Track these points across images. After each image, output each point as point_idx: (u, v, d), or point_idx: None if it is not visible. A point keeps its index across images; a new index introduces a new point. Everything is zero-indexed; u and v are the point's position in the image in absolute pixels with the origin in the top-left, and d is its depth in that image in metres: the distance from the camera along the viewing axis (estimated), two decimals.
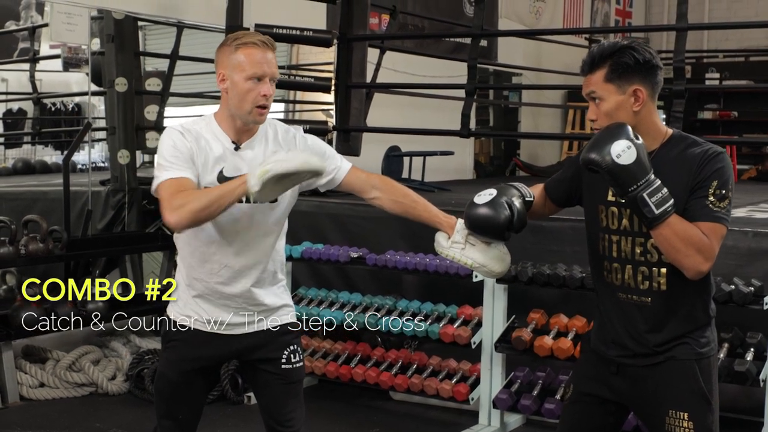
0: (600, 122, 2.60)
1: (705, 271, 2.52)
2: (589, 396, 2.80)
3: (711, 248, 2.48)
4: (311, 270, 5.64)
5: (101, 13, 6.39)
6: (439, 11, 9.40)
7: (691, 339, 2.63)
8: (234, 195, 2.60)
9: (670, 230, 2.46)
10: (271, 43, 2.82)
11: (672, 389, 2.63)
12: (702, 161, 2.55)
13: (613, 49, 2.57)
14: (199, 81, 7.92)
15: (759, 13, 13.14)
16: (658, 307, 2.64)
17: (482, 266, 2.84)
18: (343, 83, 6.32)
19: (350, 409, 5.18)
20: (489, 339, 4.70)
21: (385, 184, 2.99)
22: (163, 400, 2.99)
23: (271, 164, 2.51)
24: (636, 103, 2.56)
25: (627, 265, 2.67)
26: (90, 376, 5.32)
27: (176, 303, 2.95)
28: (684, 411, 2.61)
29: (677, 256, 2.49)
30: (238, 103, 2.78)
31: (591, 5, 12.89)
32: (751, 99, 13.11)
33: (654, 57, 2.58)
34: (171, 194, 2.65)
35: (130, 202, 6.59)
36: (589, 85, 2.61)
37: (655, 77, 2.59)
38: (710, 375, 2.65)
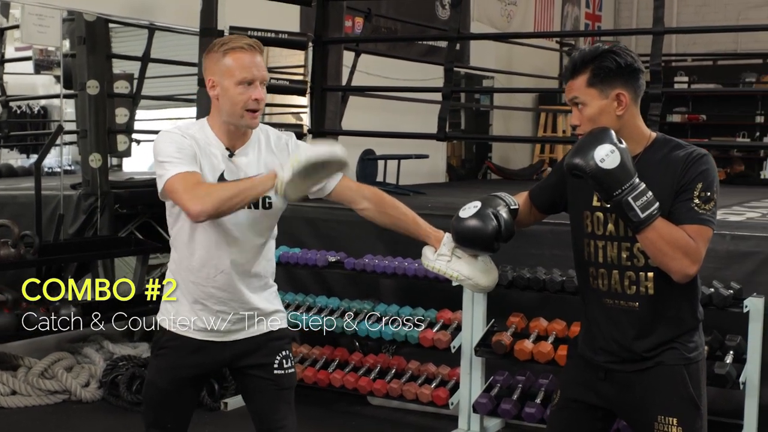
0: (583, 127, 2.59)
1: (692, 274, 2.51)
2: (577, 402, 2.78)
3: (697, 251, 2.48)
4: (287, 274, 5.59)
5: (72, 14, 6.30)
6: (411, 14, 9.39)
7: (679, 344, 2.63)
8: (261, 188, 2.63)
9: (656, 234, 2.45)
10: (259, 46, 2.79)
11: (660, 395, 2.63)
12: (686, 164, 2.54)
13: (595, 53, 2.57)
14: (170, 84, 7.85)
15: (726, 18, 13.27)
16: (646, 311, 2.63)
17: (468, 279, 2.83)
18: (319, 86, 6.27)
19: (328, 415, 5.15)
20: (468, 343, 4.68)
21: (375, 195, 2.97)
22: (151, 408, 2.95)
23: (302, 154, 2.54)
24: (619, 107, 2.56)
25: (613, 271, 2.66)
26: (63, 383, 5.24)
27: (167, 311, 2.91)
28: (673, 416, 2.60)
29: (664, 260, 2.48)
30: (230, 109, 2.76)
31: (561, 9, 12.96)
32: (719, 102, 13.26)
33: (636, 61, 2.58)
34: (192, 185, 2.63)
35: (102, 206, 6.50)
36: (571, 90, 2.61)
37: (637, 81, 2.58)
38: (699, 380, 2.64)
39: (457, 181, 10.45)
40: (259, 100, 2.75)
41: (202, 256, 2.80)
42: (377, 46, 8.58)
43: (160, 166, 2.71)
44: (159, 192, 2.73)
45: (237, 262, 2.82)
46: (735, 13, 13.30)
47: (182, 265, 2.85)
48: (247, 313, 2.89)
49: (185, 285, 2.85)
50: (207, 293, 2.83)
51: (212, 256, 2.80)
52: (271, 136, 2.91)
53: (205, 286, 2.82)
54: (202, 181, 2.69)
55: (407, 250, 5.11)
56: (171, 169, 2.67)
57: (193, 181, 2.66)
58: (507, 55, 11.25)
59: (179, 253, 2.86)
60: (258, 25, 5.87)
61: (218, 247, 2.79)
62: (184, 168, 2.68)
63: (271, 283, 2.99)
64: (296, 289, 5.40)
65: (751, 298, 4.11)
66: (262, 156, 2.85)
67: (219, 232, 2.78)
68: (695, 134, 13.09)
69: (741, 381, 4.05)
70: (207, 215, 2.63)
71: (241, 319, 2.88)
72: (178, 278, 2.87)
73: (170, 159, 2.69)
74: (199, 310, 2.85)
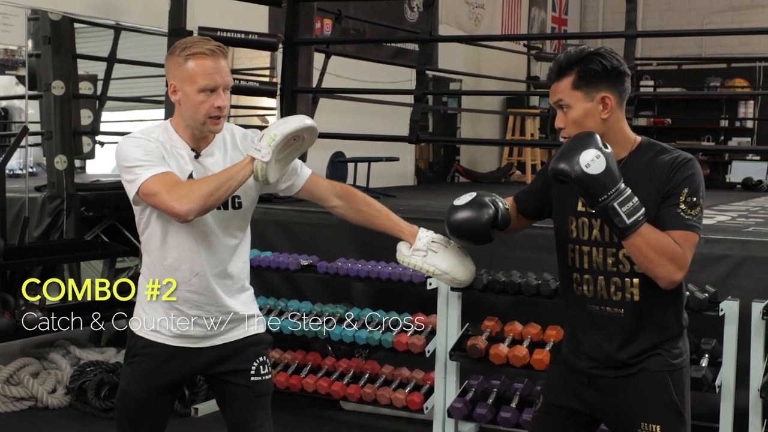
0: (568, 130, 2.56)
1: (678, 280, 2.49)
2: (560, 408, 2.75)
3: (684, 257, 2.45)
4: (258, 278, 5.49)
5: (36, 13, 6.19)
6: (380, 16, 9.36)
7: (664, 350, 2.60)
8: (241, 175, 2.60)
9: (642, 240, 2.42)
10: (223, 50, 2.71)
11: (644, 401, 2.59)
12: (672, 168, 2.51)
13: (581, 55, 2.53)
14: (137, 85, 7.75)
15: (691, 22, 13.39)
16: (631, 318, 2.60)
17: (445, 273, 2.78)
18: (289, 88, 6.22)
19: (300, 421, 5.09)
20: (443, 347, 4.64)
21: (346, 192, 2.94)
22: (125, 418, 2.86)
23: (272, 131, 2.54)
24: (604, 110, 2.52)
25: (599, 277, 2.63)
26: (29, 389, 5.13)
27: (141, 318, 2.84)
28: (656, 424, 2.57)
29: (650, 266, 2.45)
30: (192, 115, 2.69)
31: (528, 12, 12.99)
32: (684, 106, 13.38)
33: (622, 64, 2.55)
34: (169, 186, 2.57)
35: (68, 208, 6.39)
36: (556, 92, 2.57)
37: (622, 84, 2.55)
38: (683, 387, 2.62)
39: (425, 184, 10.42)
40: (221, 108, 2.68)
41: (176, 259, 2.74)
42: (346, 48, 8.54)
43: (128, 171, 2.64)
44: (132, 198, 2.66)
45: (211, 264, 2.76)
46: (699, 18, 13.43)
47: (155, 269, 2.79)
48: (223, 317, 2.82)
49: (161, 288, 2.78)
50: (182, 297, 2.77)
51: (185, 258, 2.74)
52: (237, 135, 2.85)
53: (180, 290, 2.76)
54: (179, 180, 2.63)
55: (380, 254, 5.07)
56: (143, 172, 2.60)
57: (171, 181, 2.60)
58: (475, 57, 11.26)
59: (151, 258, 2.79)
60: (227, 25, 5.80)
61: (191, 249, 2.74)
62: (157, 169, 2.62)
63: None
64: (267, 293, 5.33)
65: (727, 301, 4.11)
66: (228, 154, 2.79)
67: (191, 234, 2.72)
68: (661, 138, 12.84)
69: (717, 384, 4.06)
70: (195, 213, 2.58)
71: (217, 324, 2.82)
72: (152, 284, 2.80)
73: (140, 163, 2.62)
74: (175, 316, 2.78)
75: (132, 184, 2.62)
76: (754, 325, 4.04)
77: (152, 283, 2.78)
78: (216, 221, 2.75)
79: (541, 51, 12.53)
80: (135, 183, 2.61)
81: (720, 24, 13.08)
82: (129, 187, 2.65)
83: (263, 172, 2.59)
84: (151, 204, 2.66)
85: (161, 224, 2.72)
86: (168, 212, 2.60)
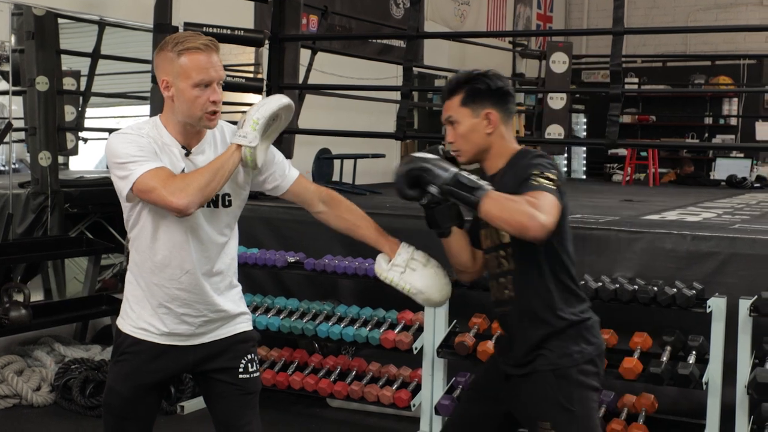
0: (457, 144, 2.79)
1: (543, 222, 2.50)
2: (482, 394, 2.99)
3: (537, 205, 2.53)
4: (244, 275, 5.42)
5: (20, 8, 6.14)
6: (366, 12, 9.34)
7: (548, 350, 2.75)
8: (231, 163, 2.63)
9: (493, 201, 2.53)
10: (215, 44, 2.70)
11: (536, 400, 2.77)
12: (526, 167, 2.68)
13: (469, 77, 2.80)
14: (122, 81, 7.70)
15: (675, 20, 13.43)
16: (514, 315, 2.81)
17: (420, 293, 2.81)
18: (275, 84, 6.18)
19: (287, 418, 5.07)
20: (431, 344, 4.63)
21: (332, 199, 2.95)
22: (113, 416, 2.84)
23: (254, 115, 2.59)
24: (489, 125, 2.76)
25: (493, 281, 2.86)
26: (13, 387, 5.09)
27: (128, 316, 2.81)
28: (547, 421, 2.75)
29: (512, 219, 2.52)
30: (187, 111, 2.67)
31: (513, 9, 13.00)
32: (669, 103, 13.42)
33: (506, 85, 2.80)
34: (164, 181, 2.57)
35: (52, 205, 6.35)
36: (447, 110, 2.81)
37: (506, 103, 2.79)
38: (570, 385, 2.74)
39: None
40: (217, 102, 2.67)
41: (166, 256, 2.72)
42: (332, 44, 8.52)
43: (121, 167, 2.61)
44: (125, 194, 2.63)
45: (201, 261, 2.75)
46: (684, 16, 13.47)
47: (145, 267, 2.76)
48: (212, 315, 2.81)
49: (148, 288, 2.76)
50: (171, 295, 2.74)
51: (175, 256, 2.72)
52: (226, 131, 2.84)
53: (169, 288, 2.74)
54: (173, 174, 2.62)
55: (367, 251, 5.01)
56: (137, 168, 2.58)
57: (166, 176, 2.59)
58: (460, 54, 11.25)
59: (141, 255, 2.77)
60: (212, 21, 5.77)
61: (181, 246, 2.72)
62: (151, 165, 2.60)
63: (235, 283, 2.93)
64: (254, 290, 5.31)
65: (714, 298, 4.12)
66: (219, 152, 2.77)
67: (181, 232, 2.70)
68: (645, 135, 13.23)
69: (704, 381, 4.07)
70: (195, 206, 2.58)
71: (205, 321, 2.80)
72: (140, 281, 2.78)
73: (133, 159, 2.60)
74: (163, 314, 2.76)
75: (125, 180, 2.60)
76: (741, 322, 4.05)
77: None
78: (206, 219, 2.73)
79: (526, 48, 12.52)
80: (129, 179, 2.59)
81: (704, 21, 13.13)
82: (121, 183, 2.62)
83: (252, 157, 2.62)
84: (146, 200, 2.63)
85: (152, 221, 2.70)
86: (166, 207, 2.58)
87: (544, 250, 2.68)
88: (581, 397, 2.74)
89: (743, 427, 4.06)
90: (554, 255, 2.73)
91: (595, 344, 2.79)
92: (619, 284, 4.30)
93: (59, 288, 6.46)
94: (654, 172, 10.94)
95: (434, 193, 2.59)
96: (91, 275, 6.33)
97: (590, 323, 2.81)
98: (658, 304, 4.18)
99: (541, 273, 2.73)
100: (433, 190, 2.58)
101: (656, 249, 4.59)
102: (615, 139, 5.56)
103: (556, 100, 9.91)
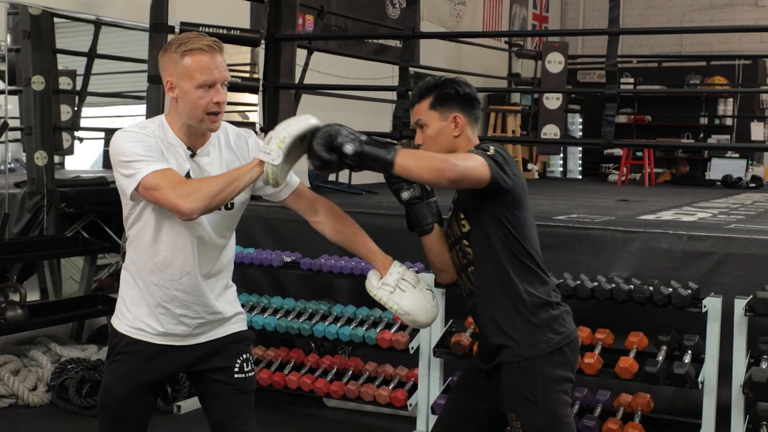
0: (425, 146, 2.86)
1: (451, 168, 2.60)
2: (466, 393, 3.03)
3: (456, 156, 2.70)
4: (240, 275, 5.48)
5: (16, 8, 6.13)
6: (362, 12, 9.35)
7: (513, 341, 2.81)
8: (248, 177, 2.59)
9: (407, 154, 2.60)
10: (219, 45, 2.70)
11: (504, 392, 2.83)
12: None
13: (438, 82, 2.89)
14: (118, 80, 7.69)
15: (671, 20, 13.46)
16: (479, 306, 2.88)
17: (407, 314, 2.82)
18: (272, 84, 6.19)
19: (283, 418, 5.06)
20: (427, 344, 4.64)
21: (329, 210, 2.94)
22: (109, 416, 2.83)
23: (281, 133, 2.54)
24: (456, 128, 2.86)
25: (461, 275, 2.93)
26: (10, 387, 5.08)
27: (124, 316, 2.81)
28: (512, 412, 2.80)
29: (425, 166, 2.61)
30: (190, 112, 2.67)
31: (509, 9, 13.01)
32: (664, 104, 13.45)
33: (473, 92, 2.91)
34: (173, 182, 2.56)
35: (48, 205, 6.33)
36: (416, 113, 2.88)
37: (473, 109, 2.91)
38: (534, 376, 2.78)
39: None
40: (220, 103, 2.67)
41: (167, 257, 2.72)
42: (328, 44, 8.52)
43: (126, 165, 2.61)
44: (129, 192, 2.63)
45: (201, 263, 2.75)
46: (679, 16, 13.50)
47: (144, 266, 2.76)
48: (209, 317, 2.81)
49: (147, 287, 2.76)
50: (170, 296, 2.74)
51: (177, 257, 2.72)
52: (230, 135, 2.84)
53: (169, 288, 2.74)
54: (183, 178, 2.62)
55: None
56: (143, 167, 2.58)
57: (175, 178, 2.58)
58: (456, 54, 11.26)
59: (140, 254, 2.76)
60: (209, 21, 5.78)
61: (183, 247, 2.72)
62: (159, 165, 2.59)
63: (230, 283, 2.93)
64: (250, 290, 5.31)
65: (710, 297, 4.13)
66: (223, 155, 2.78)
67: (184, 233, 2.70)
68: (641, 135, 13.25)
69: (699, 380, 4.07)
70: (199, 212, 2.57)
71: (202, 323, 2.81)
72: (138, 281, 2.78)
73: (140, 158, 2.60)
74: (161, 314, 2.76)
75: (131, 179, 2.59)
76: (737, 322, 4.07)
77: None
78: (209, 221, 2.73)
79: (522, 48, 12.54)
80: (134, 177, 2.58)
81: (700, 22, 13.15)
82: (126, 181, 2.61)
83: (274, 176, 2.56)
84: (150, 199, 2.62)
85: (156, 220, 2.69)
86: (170, 208, 2.57)
87: (500, 234, 2.76)
88: (546, 387, 2.77)
89: (739, 426, 4.07)
90: (511, 238, 2.77)
91: (564, 334, 2.81)
92: (615, 284, 4.31)
93: (55, 288, 6.45)
94: (650, 172, 10.97)
95: (350, 153, 2.58)
96: (87, 275, 6.32)
97: (558, 312, 2.83)
98: (653, 303, 4.19)
99: (499, 257, 2.78)
100: (349, 149, 2.58)
101: (652, 249, 4.60)
102: (611, 139, 5.57)
103: (552, 100, 9.94)
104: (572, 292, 4.29)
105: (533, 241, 2.83)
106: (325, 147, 2.59)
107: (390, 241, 5.12)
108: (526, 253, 2.79)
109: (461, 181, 2.64)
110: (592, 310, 4.46)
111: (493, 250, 2.78)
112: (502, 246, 2.77)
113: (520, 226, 2.79)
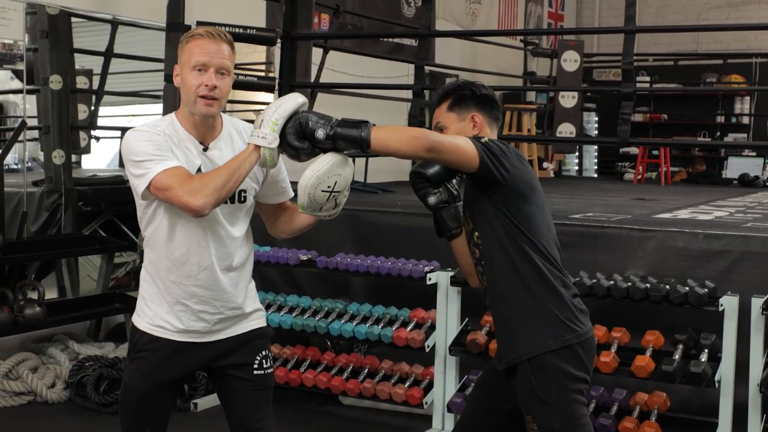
0: None
1: (427, 140, 2.60)
2: (486, 392, 3.04)
3: (437, 133, 2.76)
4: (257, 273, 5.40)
5: (34, 7, 6.17)
6: (377, 11, 9.36)
7: (522, 340, 2.79)
8: (248, 163, 2.63)
9: (381, 129, 2.61)
10: (222, 34, 2.73)
11: (520, 393, 2.82)
12: None
13: (455, 85, 2.96)
14: (135, 80, 7.73)
15: (687, 18, 13.39)
16: (492, 304, 2.88)
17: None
18: (287, 83, 6.21)
19: (300, 416, 5.09)
20: (443, 342, 4.65)
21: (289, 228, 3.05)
22: (129, 413, 2.86)
23: (272, 116, 2.58)
24: (474, 128, 2.89)
25: (477, 272, 2.93)
26: (28, 384, 5.12)
27: (144, 313, 2.83)
28: (528, 414, 2.78)
29: (401, 138, 2.63)
30: (185, 96, 2.73)
31: (525, 8, 12.99)
32: (681, 102, 13.39)
33: (491, 94, 2.96)
34: (181, 181, 2.59)
35: (66, 203, 6.38)
36: (436, 117, 2.94)
37: (491, 109, 2.95)
38: (546, 375, 2.75)
39: None
40: (210, 87, 2.67)
41: (183, 253, 2.74)
42: (344, 43, 8.53)
43: (138, 165, 2.64)
44: (140, 192, 2.65)
45: (219, 257, 2.77)
46: (695, 14, 13.43)
47: (161, 265, 2.78)
48: (228, 312, 2.83)
49: (165, 286, 2.78)
50: (189, 292, 2.76)
51: (193, 252, 2.74)
52: (243, 130, 2.86)
53: (187, 285, 2.76)
54: (190, 175, 2.64)
55: (379, 249, 5.08)
56: (154, 167, 2.60)
57: (183, 175, 2.61)
58: (471, 53, 11.24)
59: (156, 253, 2.78)
60: (225, 20, 5.79)
61: (199, 243, 2.74)
62: (169, 164, 2.62)
63: (250, 280, 2.95)
64: (266, 288, 5.33)
65: (726, 296, 4.13)
66: (236, 149, 2.79)
67: (199, 228, 2.72)
68: (657, 133, 13.21)
69: (716, 379, 4.07)
70: (211, 206, 2.60)
71: (222, 319, 2.82)
72: (156, 279, 2.80)
73: (151, 157, 2.62)
74: (180, 311, 2.78)
75: (142, 179, 2.62)
76: (754, 320, 4.06)
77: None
78: (223, 214, 2.76)
79: (538, 47, 12.52)
80: (145, 177, 2.61)
81: (716, 20, 13.08)
82: (138, 181, 2.64)
83: (272, 158, 2.62)
84: (162, 198, 2.65)
85: (169, 218, 2.71)
86: (182, 207, 2.60)
87: (505, 228, 2.76)
88: (560, 387, 2.75)
89: (756, 425, 4.07)
90: (517, 232, 2.77)
91: (576, 332, 2.78)
92: (631, 282, 4.30)
93: (73, 286, 6.49)
94: (666, 171, 10.92)
95: (321, 138, 2.59)
96: (105, 273, 6.36)
97: (570, 309, 2.79)
98: (670, 302, 4.18)
99: (505, 252, 2.77)
100: (321, 134, 2.60)
101: (668, 247, 4.59)
102: (626, 138, 5.56)
103: (568, 98, 9.91)
104: (588, 291, 4.29)
105: (543, 237, 2.80)
106: (297, 136, 2.61)
107: (405, 239, 5.20)
108: (535, 248, 2.77)
109: (439, 152, 2.62)
110: (608, 308, 4.46)
111: (499, 244, 2.78)
112: (507, 239, 2.76)
113: (525, 221, 2.77)
